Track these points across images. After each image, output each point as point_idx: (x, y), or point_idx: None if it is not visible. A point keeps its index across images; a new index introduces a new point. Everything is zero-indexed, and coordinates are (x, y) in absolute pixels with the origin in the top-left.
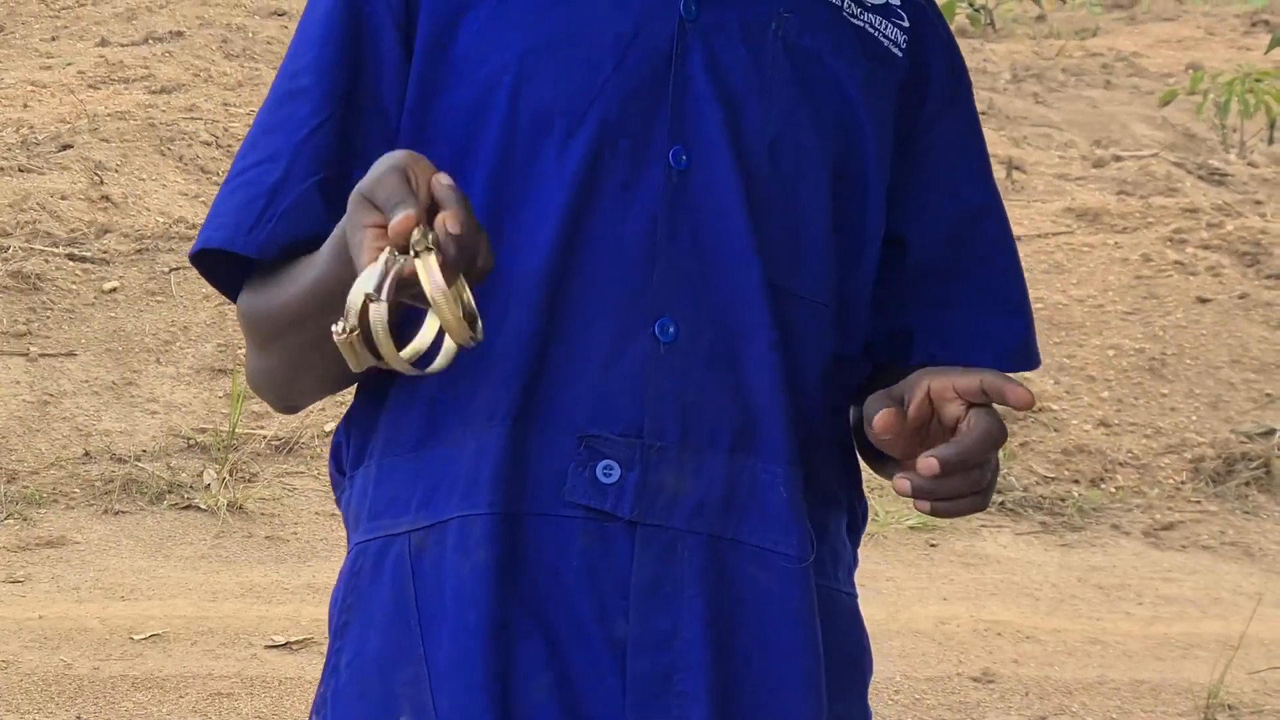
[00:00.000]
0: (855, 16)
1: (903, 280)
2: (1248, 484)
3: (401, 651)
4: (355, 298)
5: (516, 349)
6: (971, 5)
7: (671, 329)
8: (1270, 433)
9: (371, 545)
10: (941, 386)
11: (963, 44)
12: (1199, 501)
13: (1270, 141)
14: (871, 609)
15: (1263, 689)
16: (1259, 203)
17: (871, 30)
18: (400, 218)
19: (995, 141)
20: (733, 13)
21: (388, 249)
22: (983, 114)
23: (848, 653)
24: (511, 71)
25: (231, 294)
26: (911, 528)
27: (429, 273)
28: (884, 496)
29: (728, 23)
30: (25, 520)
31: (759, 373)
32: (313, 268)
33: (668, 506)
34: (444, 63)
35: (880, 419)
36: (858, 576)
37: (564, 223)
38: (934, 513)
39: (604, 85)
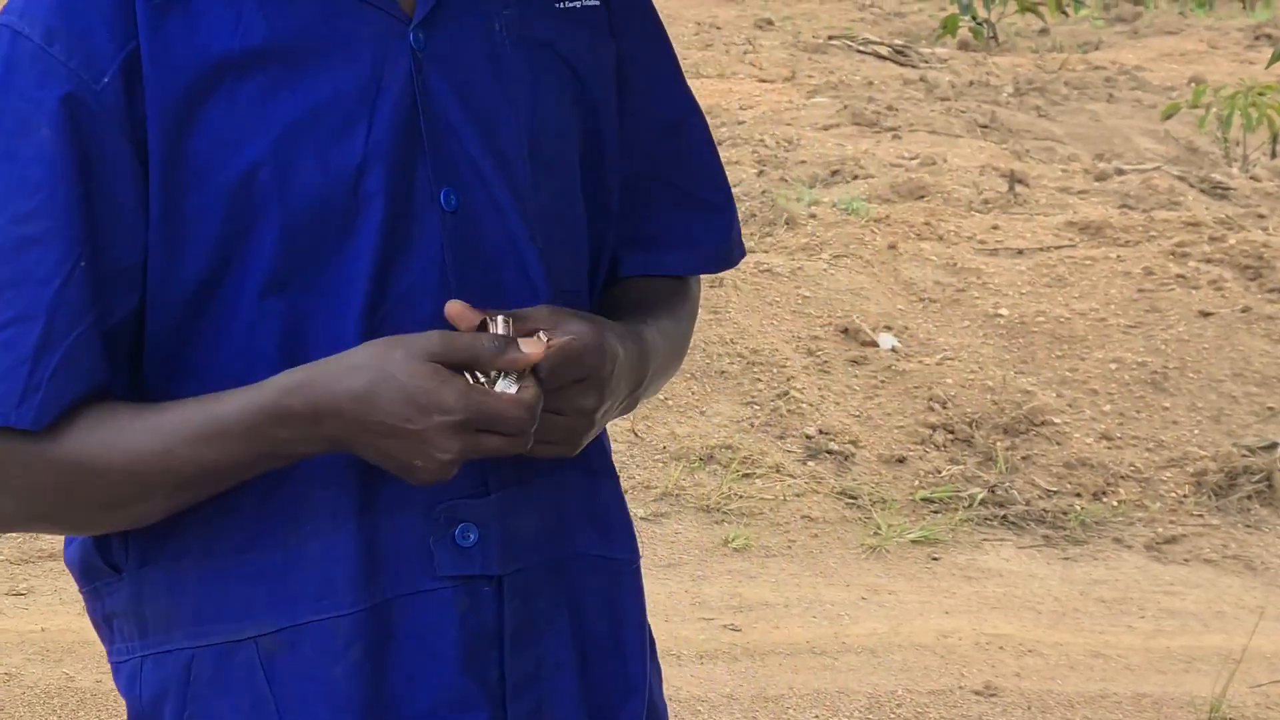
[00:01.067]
0: None
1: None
2: (1250, 497)
3: None
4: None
5: None
6: (974, 19)
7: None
8: (1272, 446)
9: (206, 652)
10: None
11: (966, 57)
12: (1201, 515)
13: (1273, 155)
14: (873, 622)
15: (1265, 703)
16: (1261, 216)
17: None
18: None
19: (997, 155)
20: (458, 30)
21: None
22: (985, 127)
23: (645, 624)
24: (269, 164)
25: None
26: (913, 541)
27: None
28: (886, 510)
29: (457, 41)
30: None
31: None
32: (200, 446)
33: (522, 548)
34: (184, 165)
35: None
36: (859, 590)
37: (367, 302)
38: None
39: (367, 151)
